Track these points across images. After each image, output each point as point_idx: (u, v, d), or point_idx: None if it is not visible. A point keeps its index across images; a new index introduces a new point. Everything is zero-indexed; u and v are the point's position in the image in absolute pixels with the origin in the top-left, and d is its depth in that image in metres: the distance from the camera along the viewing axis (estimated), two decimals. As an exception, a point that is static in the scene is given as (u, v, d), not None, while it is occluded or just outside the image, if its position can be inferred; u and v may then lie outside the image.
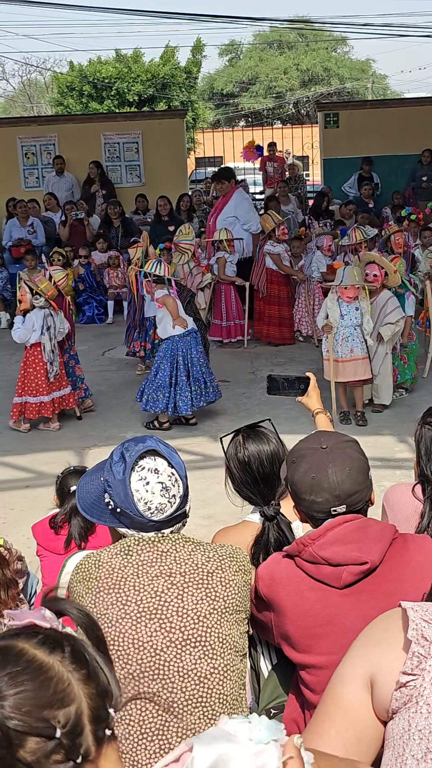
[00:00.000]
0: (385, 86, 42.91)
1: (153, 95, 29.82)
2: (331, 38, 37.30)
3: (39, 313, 7.54)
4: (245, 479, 2.90)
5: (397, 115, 16.00)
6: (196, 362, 7.46)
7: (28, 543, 4.57)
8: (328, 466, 2.35)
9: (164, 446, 2.25)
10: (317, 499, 2.35)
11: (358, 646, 1.54)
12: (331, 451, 2.39)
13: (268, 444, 2.91)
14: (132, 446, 2.22)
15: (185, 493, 2.22)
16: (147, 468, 2.19)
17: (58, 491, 4.23)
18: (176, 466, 2.21)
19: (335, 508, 2.33)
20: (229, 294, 10.52)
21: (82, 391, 8.15)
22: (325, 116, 16.51)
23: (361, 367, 7.42)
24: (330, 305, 7.46)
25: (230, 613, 2.16)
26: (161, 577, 2.13)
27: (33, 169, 16.09)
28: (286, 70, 38.76)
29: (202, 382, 7.49)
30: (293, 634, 2.29)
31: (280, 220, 10.57)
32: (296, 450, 2.49)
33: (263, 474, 2.87)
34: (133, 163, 16.08)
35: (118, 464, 2.21)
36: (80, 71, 30.65)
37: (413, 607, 1.48)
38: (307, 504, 2.38)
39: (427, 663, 1.39)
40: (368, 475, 2.42)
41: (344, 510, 2.33)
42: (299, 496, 2.40)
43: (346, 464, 2.36)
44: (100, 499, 2.25)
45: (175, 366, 7.36)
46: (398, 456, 6.70)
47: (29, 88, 42.93)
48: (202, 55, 32.53)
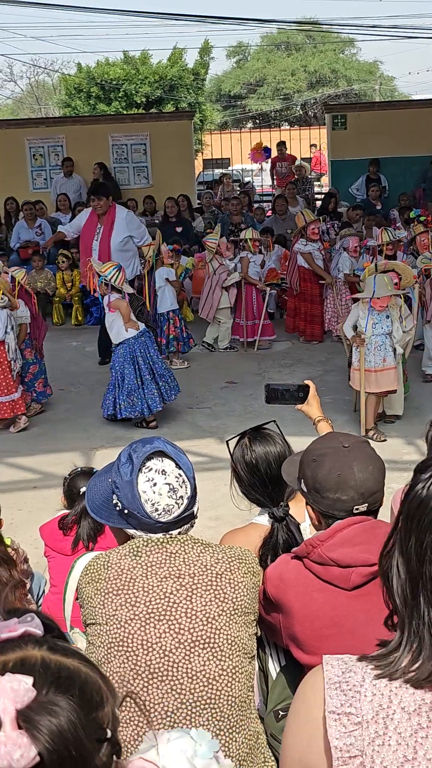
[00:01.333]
0: (393, 88, 42.85)
1: (161, 97, 29.85)
2: (338, 40, 37.26)
3: (2, 313, 7.59)
4: (253, 482, 2.89)
5: (405, 116, 15.99)
6: (156, 359, 7.59)
7: (35, 544, 4.58)
8: (353, 464, 2.35)
9: (172, 447, 2.25)
10: (342, 497, 2.34)
11: (290, 748, 1.42)
12: (353, 450, 2.39)
13: (275, 445, 2.91)
14: (139, 447, 2.23)
15: (193, 494, 2.22)
16: (154, 469, 2.18)
17: (66, 493, 4.23)
18: (184, 467, 2.21)
19: (358, 506, 2.32)
20: (250, 294, 10.53)
21: (29, 396, 8.11)
22: (333, 118, 16.51)
23: (394, 377, 7.19)
24: (361, 314, 7.23)
25: (239, 614, 2.16)
26: (170, 578, 2.13)
27: (41, 171, 16.13)
28: (293, 72, 38.77)
29: (168, 378, 7.64)
30: (301, 636, 2.29)
31: (311, 218, 10.54)
32: (315, 449, 2.48)
33: (271, 475, 2.86)
34: (140, 165, 16.11)
35: (125, 465, 2.21)
36: (88, 73, 30.70)
37: (334, 709, 1.30)
38: (329, 502, 2.37)
39: (364, 760, 1.27)
40: (385, 475, 2.42)
41: (365, 509, 2.32)
42: (322, 495, 2.38)
43: (369, 463, 2.36)
44: (109, 500, 2.25)
45: (137, 367, 7.47)
46: (406, 458, 6.68)
47: (37, 90, 43.03)
48: (209, 56, 32.57)
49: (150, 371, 7.48)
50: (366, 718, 1.28)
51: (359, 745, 1.27)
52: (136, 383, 7.44)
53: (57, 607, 3.85)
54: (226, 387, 8.86)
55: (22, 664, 1.04)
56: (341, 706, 1.30)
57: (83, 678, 1.06)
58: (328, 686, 1.33)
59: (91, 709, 1.03)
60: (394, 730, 1.27)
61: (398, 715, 1.27)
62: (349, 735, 1.28)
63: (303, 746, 1.37)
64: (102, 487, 2.30)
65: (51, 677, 1.03)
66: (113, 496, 2.23)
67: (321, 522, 2.45)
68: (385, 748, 1.26)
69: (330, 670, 1.36)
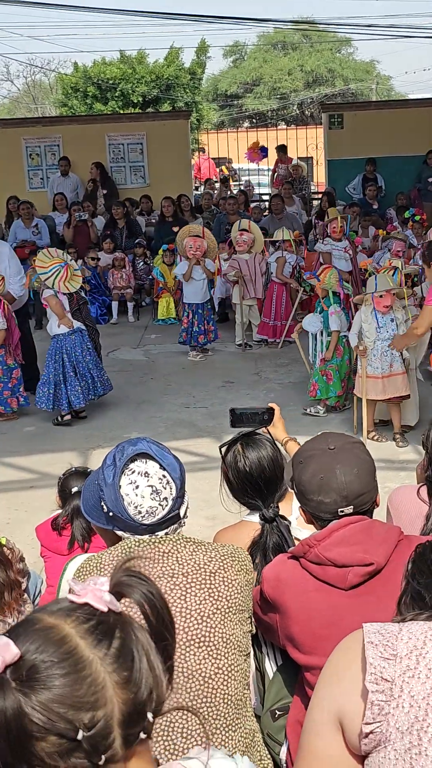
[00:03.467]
0: (390, 87, 42.83)
1: (157, 96, 29.84)
2: (335, 39, 37.27)
3: None
4: (244, 487, 2.91)
5: (402, 116, 15.99)
6: (81, 359, 7.78)
7: (32, 544, 4.57)
8: (336, 466, 2.35)
9: (157, 448, 2.23)
10: (325, 499, 2.35)
11: (324, 686, 1.50)
12: (339, 452, 2.40)
13: (267, 450, 2.92)
14: (123, 449, 2.22)
15: (179, 494, 2.20)
16: (137, 471, 2.18)
17: (60, 492, 4.23)
18: (168, 468, 2.19)
19: (342, 508, 2.33)
20: (280, 294, 10.55)
21: (16, 402, 8.12)
22: (330, 117, 16.50)
23: (402, 383, 6.91)
24: (364, 318, 7.00)
25: (233, 612, 2.16)
26: (164, 578, 2.12)
27: (38, 170, 16.11)
28: (290, 71, 38.75)
29: (89, 378, 7.82)
30: (298, 636, 2.29)
31: (335, 215, 10.51)
32: (303, 451, 2.49)
33: (266, 479, 2.88)
34: (137, 164, 16.09)
35: (109, 468, 2.20)
36: (85, 72, 30.67)
37: (372, 641, 1.42)
38: (314, 504, 2.39)
39: (390, 706, 1.36)
40: (375, 476, 2.42)
41: (351, 511, 2.33)
42: (306, 497, 2.40)
43: (353, 465, 2.37)
44: (99, 502, 2.25)
45: (61, 363, 7.70)
46: (402, 458, 6.69)
47: (34, 89, 42.96)
48: (206, 56, 32.57)
49: (73, 369, 7.71)
50: (401, 654, 1.38)
51: (391, 672, 1.37)
52: (51, 379, 7.69)
53: (53, 607, 3.85)
54: (223, 386, 8.86)
55: None
56: (379, 642, 1.41)
57: (85, 674, 1.08)
58: (367, 633, 1.44)
59: (72, 706, 1.05)
60: (425, 666, 1.36)
61: (431, 654, 1.37)
62: (384, 660, 1.38)
63: (337, 682, 1.47)
64: (93, 488, 2.30)
65: (47, 656, 1.07)
66: (100, 498, 2.23)
67: (312, 522, 2.46)
68: (414, 679, 1.36)
69: (369, 627, 1.46)
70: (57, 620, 1.11)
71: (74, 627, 1.10)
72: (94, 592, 1.14)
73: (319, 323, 7.67)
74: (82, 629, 1.10)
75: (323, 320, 7.66)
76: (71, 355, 7.72)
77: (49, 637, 1.08)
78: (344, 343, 7.66)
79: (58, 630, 1.09)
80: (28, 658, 1.06)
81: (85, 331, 7.87)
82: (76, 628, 1.10)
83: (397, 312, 6.99)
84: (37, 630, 1.09)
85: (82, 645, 1.08)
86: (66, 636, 1.09)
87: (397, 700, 1.35)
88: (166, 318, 12.02)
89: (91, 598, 1.13)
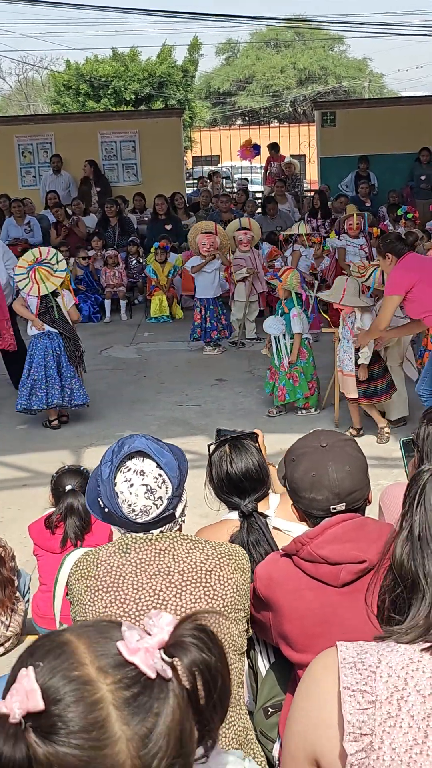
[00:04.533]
0: (382, 85, 42.90)
1: (150, 94, 29.82)
2: (328, 37, 37.34)
3: None
4: (222, 486, 2.93)
5: (394, 113, 16.01)
6: (49, 362, 7.67)
7: (25, 542, 4.57)
8: (328, 464, 2.36)
9: (156, 446, 2.22)
10: (317, 497, 2.35)
11: (298, 721, 1.40)
12: (331, 449, 2.40)
13: (253, 455, 2.95)
14: (122, 445, 2.22)
15: (175, 494, 2.20)
16: (133, 469, 2.17)
17: (53, 491, 4.23)
18: (166, 467, 2.18)
19: (335, 506, 2.34)
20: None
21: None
22: (322, 115, 16.52)
23: (351, 385, 6.86)
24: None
25: (229, 611, 2.15)
26: (159, 575, 2.12)
27: (30, 168, 16.08)
28: (282, 69, 38.79)
29: (56, 381, 7.69)
30: (291, 634, 2.29)
31: (352, 212, 10.46)
32: (295, 448, 2.50)
33: (249, 479, 2.89)
34: (130, 162, 16.08)
35: (106, 464, 2.20)
36: (77, 70, 30.64)
37: (349, 686, 1.29)
38: (306, 502, 2.39)
39: (370, 759, 1.26)
40: (367, 473, 2.42)
41: (343, 508, 2.34)
42: (299, 494, 2.40)
43: (345, 462, 2.37)
44: (98, 496, 2.25)
45: (31, 364, 7.69)
46: (395, 455, 6.69)
47: (26, 87, 42.89)
48: (199, 53, 32.58)
49: (39, 372, 7.64)
50: (380, 698, 1.27)
51: (371, 724, 1.26)
52: (25, 378, 7.67)
53: (46, 605, 3.85)
54: (215, 384, 8.86)
55: None
56: (356, 683, 1.29)
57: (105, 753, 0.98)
58: (342, 665, 1.32)
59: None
60: (407, 713, 1.26)
61: (413, 697, 1.26)
62: (363, 712, 1.27)
63: (310, 723, 1.36)
64: (93, 483, 2.30)
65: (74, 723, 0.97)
66: (98, 493, 2.23)
67: (305, 520, 2.47)
68: (396, 729, 1.25)
69: (345, 651, 1.35)
70: (98, 674, 0.99)
71: (112, 690, 0.99)
72: (146, 653, 1.02)
73: (281, 326, 7.65)
74: (120, 697, 0.99)
75: (285, 323, 7.63)
76: (39, 357, 7.68)
77: (84, 696, 0.97)
78: (307, 345, 7.64)
79: (95, 688, 0.98)
80: (53, 712, 0.96)
81: (55, 336, 7.73)
82: (114, 693, 0.99)
83: (365, 313, 6.92)
84: (73, 680, 0.98)
85: (113, 717, 0.97)
86: (100, 699, 0.98)
87: (378, 752, 1.26)
88: (158, 316, 12.01)
89: (141, 661, 1.01)
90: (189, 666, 1.05)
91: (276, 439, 6.92)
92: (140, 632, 1.04)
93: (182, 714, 1.01)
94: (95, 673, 0.99)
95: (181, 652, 1.05)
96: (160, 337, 11.10)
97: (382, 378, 6.95)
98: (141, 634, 1.04)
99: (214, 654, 1.08)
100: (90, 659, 1.01)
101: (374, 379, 6.90)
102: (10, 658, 3.93)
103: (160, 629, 1.05)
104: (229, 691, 1.10)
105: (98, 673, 0.99)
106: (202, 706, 1.07)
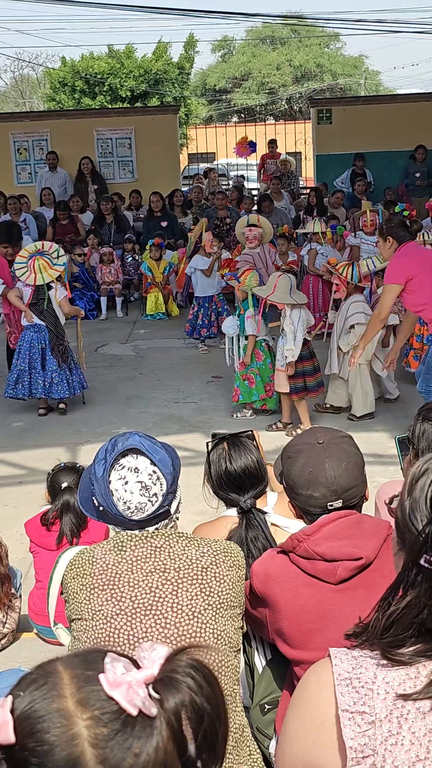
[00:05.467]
0: (378, 82, 42.84)
1: (146, 91, 29.74)
2: (323, 34, 37.27)
3: None
4: (222, 483, 2.94)
5: (390, 111, 16.01)
6: (34, 355, 7.81)
7: (21, 539, 4.57)
8: (325, 461, 2.36)
9: (150, 443, 2.22)
10: (314, 494, 2.35)
11: (295, 739, 1.36)
12: (328, 446, 2.40)
13: (251, 453, 2.96)
14: (116, 443, 2.22)
15: (170, 490, 2.20)
16: (127, 467, 2.17)
17: (49, 488, 4.23)
18: (160, 464, 2.18)
19: (332, 503, 2.33)
20: (316, 286, 10.51)
21: None
22: (318, 112, 16.51)
23: (281, 379, 7.08)
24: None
25: (225, 608, 2.15)
26: (155, 573, 2.12)
27: (26, 165, 16.05)
28: (278, 66, 38.73)
29: (40, 373, 7.82)
30: (288, 630, 2.29)
31: (367, 209, 10.47)
32: (292, 445, 2.50)
33: (249, 476, 2.91)
34: (125, 159, 16.06)
35: (100, 462, 2.20)
36: (72, 67, 30.54)
37: (347, 708, 1.25)
38: (303, 499, 2.39)
39: (375, 759, 1.24)
40: (364, 470, 2.42)
41: (340, 505, 2.33)
42: (296, 491, 2.40)
43: (342, 459, 2.37)
44: (91, 495, 2.25)
45: (18, 354, 7.88)
46: (391, 452, 6.69)
47: (21, 84, 42.79)
48: (194, 50, 32.46)
49: (24, 362, 7.80)
50: (380, 716, 1.25)
51: (372, 745, 1.24)
52: (14, 367, 7.85)
53: (42, 602, 3.85)
54: (211, 382, 8.86)
55: None
56: (354, 704, 1.26)
57: None
58: (338, 683, 1.29)
59: None
60: (408, 730, 1.24)
61: (413, 714, 1.24)
62: (363, 735, 1.24)
63: (308, 743, 1.33)
64: (86, 481, 2.30)
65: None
66: (92, 492, 2.23)
67: (302, 517, 2.47)
68: (398, 747, 1.23)
69: (339, 665, 1.31)
70: (76, 708, 0.93)
71: (89, 726, 0.92)
72: (129, 688, 0.95)
73: (236, 327, 7.67)
74: (97, 734, 0.92)
75: (240, 324, 7.64)
76: (26, 349, 7.82)
77: (59, 731, 0.91)
78: (263, 347, 7.61)
79: (71, 723, 0.92)
80: (26, 745, 0.91)
81: (41, 328, 7.81)
82: (90, 729, 0.92)
83: (293, 310, 7.02)
84: (50, 712, 0.93)
85: (88, 755, 0.91)
86: (75, 735, 0.91)
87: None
88: (154, 313, 12.00)
89: (121, 696, 0.94)
90: (175, 706, 0.96)
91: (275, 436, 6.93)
92: (127, 664, 0.97)
93: (166, 756, 0.93)
94: (73, 706, 0.93)
95: (169, 689, 0.97)
96: (156, 334, 11.09)
97: (313, 375, 7.13)
98: (128, 666, 0.97)
99: (205, 695, 0.99)
100: (71, 691, 0.94)
101: (305, 375, 7.05)
102: (5, 656, 3.93)
103: (151, 662, 0.98)
104: (224, 736, 1.01)
105: (77, 706, 0.93)
106: (188, 751, 0.98)
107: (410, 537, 1.32)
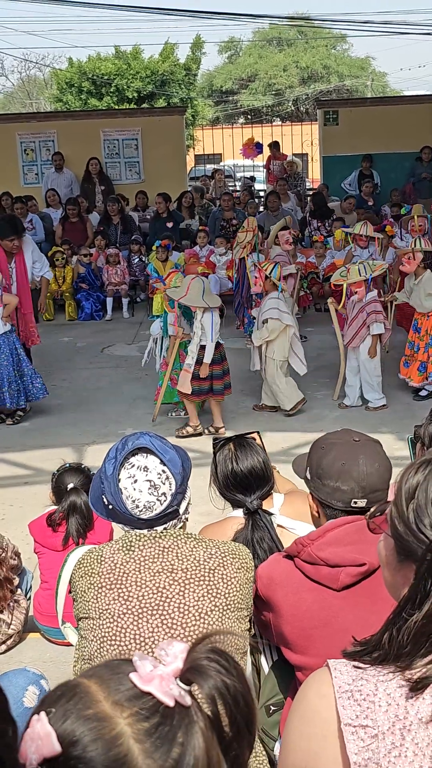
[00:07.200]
0: (385, 84, 42.82)
1: (152, 92, 29.77)
2: (330, 36, 37.28)
3: None
4: (228, 484, 2.94)
5: (397, 112, 15.99)
6: (6, 363, 7.69)
7: (26, 540, 4.57)
8: (360, 456, 2.35)
9: (160, 443, 2.24)
10: (342, 486, 2.33)
11: (297, 751, 1.34)
12: (364, 445, 2.40)
13: (258, 454, 2.96)
14: (126, 442, 2.23)
15: (179, 490, 2.21)
16: (136, 466, 2.19)
17: (54, 489, 4.23)
18: (169, 464, 2.20)
19: (357, 500, 2.32)
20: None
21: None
22: (325, 114, 16.49)
23: (185, 379, 7.09)
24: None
25: (231, 610, 2.15)
26: (163, 573, 2.13)
27: (32, 166, 16.07)
28: (285, 68, 38.73)
29: (15, 382, 7.74)
30: (290, 635, 2.28)
31: (417, 213, 10.48)
32: (325, 439, 2.49)
33: (255, 477, 2.91)
34: (132, 160, 16.06)
35: (110, 461, 2.22)
36: (79, 68, 30.59)
37: (350, 722, 1.24)
38: (329, 491, 2.36)
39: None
40: (390, 477, 2.41)
41: (364, 505, 2.31)
42: (323, 481, 2.37)
43: (376, 459, 2.36)
44: (102, 493, 2.25)
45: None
46: (397, 454, 6.68)
47: (28, 85, 42.85)
48: (201, 51, 32.49)
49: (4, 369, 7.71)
50: (382, 729, 1.23)
51: (376, 758, 1.23)
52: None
53: (48, 603, 3.85)
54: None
55: None
56: (357, 718, 1.24)
57: None
58: (339, 696, 1.27)
59: None
60: (411, 741, 1.23)
61: (415, 726, 1.23)
62: (367, 749, 1.23)
63: (310, 754, 1.31)
64: (97, 480, 2.31)
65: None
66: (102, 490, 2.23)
67: (320, 513, 2.45)
68: (401, 759, 1.22)
69: (339, 677, 1.29)
70: (114, 710, 0.94)
71: (131, 724, 0.93)
72: (162, 680, 0.96)
73: (159, 328, 7.71)
74: (140, 729, 0.93)
75: (163, 324, 7.63)
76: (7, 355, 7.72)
77: (102, 733, 0.92)
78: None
79: (112, 724, 0.93)
80: (71, 754, 0.91)
81: (9, 335, 7.76)
82: (132, 726, 0.93)
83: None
84: (88, 718, 0.93)
85: (135, 751, 0.92)
86: (119, 735, 0.92)
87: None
88: (160, 314, 11.98)
89: (156, 688, 0.96)
90: (209, 691, 0.98)
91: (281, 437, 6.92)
92: (153, 662, 0.99)
93: (208, 743, 0.95)
94: (111, 708, 0.94)
95: (200, 676, 0.99)
96: (162, 335, 11.09)
97: (221, 379, 7.19)
98: (154, 663, 0.99)
99: (235, 676, 1.00)
100: (104, 695, 0.96)
101: (213, 378, 7.11)
102: (11, 656, 3.93)
103: (173, 657, 0.99)
104: (254, 716, 1.02)
105: (114, 707, 0.94)
106: (226, 734, 0.99)
107: (420, 546, 1.31)
